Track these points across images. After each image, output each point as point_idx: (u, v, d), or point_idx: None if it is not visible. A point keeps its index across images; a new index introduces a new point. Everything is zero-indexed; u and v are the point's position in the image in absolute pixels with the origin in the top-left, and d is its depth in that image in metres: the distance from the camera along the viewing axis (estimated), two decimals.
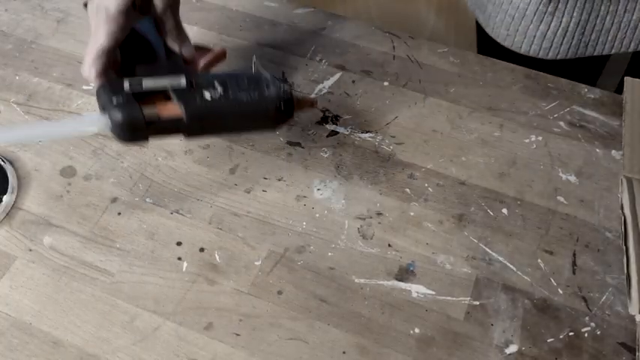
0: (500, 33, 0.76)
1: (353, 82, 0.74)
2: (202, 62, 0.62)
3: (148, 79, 0.55)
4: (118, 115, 0.53)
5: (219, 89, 0.56)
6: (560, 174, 0.66)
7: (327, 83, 0.73)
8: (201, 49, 0.63)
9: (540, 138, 0.69)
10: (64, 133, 0.56)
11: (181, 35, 0.61)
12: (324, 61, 0.76)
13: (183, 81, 0.56)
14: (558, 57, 0.75)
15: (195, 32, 0.78)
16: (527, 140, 0.68)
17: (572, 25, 0.72)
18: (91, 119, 0.54)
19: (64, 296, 0.57)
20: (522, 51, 0.76)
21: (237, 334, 0.55)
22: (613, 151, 0.67)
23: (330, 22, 0.80)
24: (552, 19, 0.72)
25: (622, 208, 0.61)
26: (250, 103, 0.57)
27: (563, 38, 0.73)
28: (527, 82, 0.74)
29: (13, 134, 0.55)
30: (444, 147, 0.68)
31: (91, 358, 0.53)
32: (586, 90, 0.73)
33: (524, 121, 0.70)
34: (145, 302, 0.57)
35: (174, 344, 0.54)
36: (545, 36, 0.73)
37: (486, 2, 0.76)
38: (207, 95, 0.56)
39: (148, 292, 0.57)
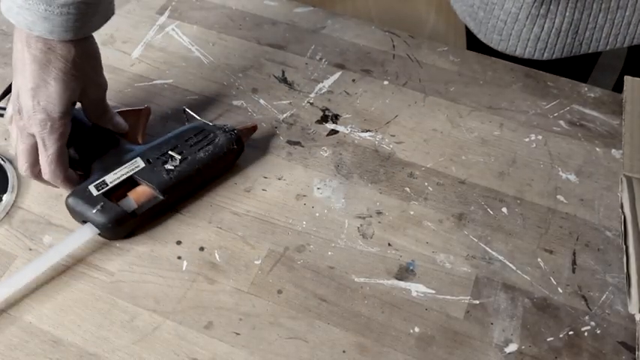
0: (493, 38, 0.76)
1: (353, 81, 0.74)
2: (137, 129, 0.65)
3: (109, 175, 0.59)
4: (103, 221, 0.57)
5: (177, 156, 0.60)
6: (560, 173, 0.66)
7: (327, 82, 0.73)
8: (127, 112, 0.65)
9: (540, 137, 0.69)
10: (63, 255, 0.58)
11: (108, 114, 0.63)
12: (324, 60, 0.76)
13: (140, 163, 0.60)
14: (554, 57, 0.75)
15: (195, 31, 0.78)
16: (527, 139, 0.68)
17: (565, 25, 0.72)
18: (80, 234, 0.58)
19: (64, 295, 0.57)
20: (517, 54, 0.75)
21: (237, 333, 0.55)
22: (613, 150, 0.67)
23: (330, 21, 0.80)
24: (545, 20, 0.71)
25: (622, 207, 0.61)
26: (209, 157, 0.62)
27: (557, 38, 0.73)
28: (527, 81, 0.74)
29: (24, 276, 0.56)
30: (444, 146, 0.68)
31: (91, 357, 0.53)
32: (586, 89, 0.73)
33: (524, 120, 0.70)
34: (144, 301, 0.57)
35: (174, 343, 0.54)
36: (539, 38, 0.73)
37: (477, 9, 0.76)
38: (168, 166, 0.60)
39: (148, 291, 0.57)
